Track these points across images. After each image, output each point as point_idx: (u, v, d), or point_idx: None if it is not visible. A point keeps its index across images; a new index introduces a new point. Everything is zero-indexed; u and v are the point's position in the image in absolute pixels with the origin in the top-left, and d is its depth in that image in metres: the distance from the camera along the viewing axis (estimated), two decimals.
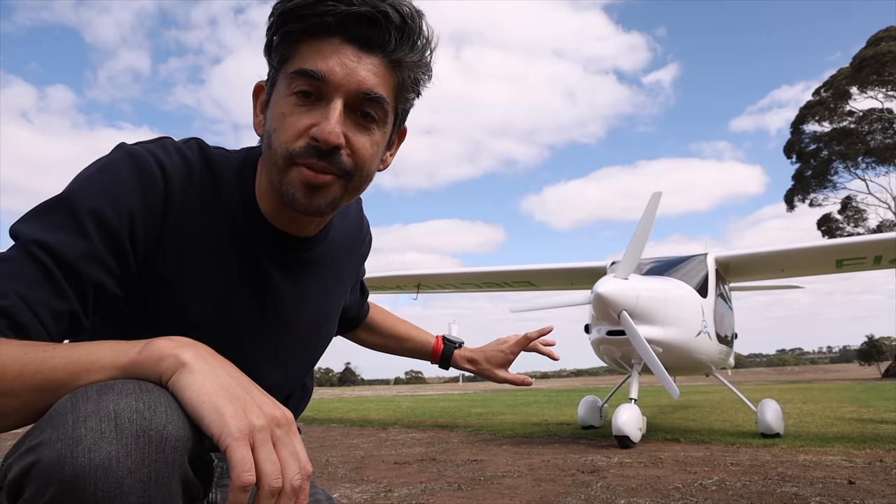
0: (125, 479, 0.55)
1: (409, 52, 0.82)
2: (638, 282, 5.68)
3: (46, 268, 0.72)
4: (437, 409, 11.90)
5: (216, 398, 0.60)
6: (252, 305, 0.92)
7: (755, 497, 3.16)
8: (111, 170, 0.80)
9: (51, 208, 0.76)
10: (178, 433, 0.59)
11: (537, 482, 3.72)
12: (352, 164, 0.82)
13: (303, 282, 0.98)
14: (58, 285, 0.72)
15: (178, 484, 0.59)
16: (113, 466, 0.54)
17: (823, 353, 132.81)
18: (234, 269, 0.90)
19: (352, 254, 1.12)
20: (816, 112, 30.62)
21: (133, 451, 0.55)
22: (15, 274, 0.70)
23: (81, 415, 0.57)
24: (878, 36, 28.81)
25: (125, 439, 0.56)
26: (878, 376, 31.31)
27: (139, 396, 0.59)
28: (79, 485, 0.53)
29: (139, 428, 0.57)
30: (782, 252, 7.43)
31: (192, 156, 0.88)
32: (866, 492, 3.21)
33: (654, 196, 5.64)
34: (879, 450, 4.81)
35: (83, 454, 0.54)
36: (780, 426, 5.85)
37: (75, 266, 0.74)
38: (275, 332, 0.97)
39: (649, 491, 3.36)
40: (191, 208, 0.86)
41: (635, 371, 6.02)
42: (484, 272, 9.24)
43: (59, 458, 0.54)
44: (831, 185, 31.00)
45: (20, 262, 0.71)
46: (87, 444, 0.55)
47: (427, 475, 4.07)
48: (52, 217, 0.75)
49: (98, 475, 0.54)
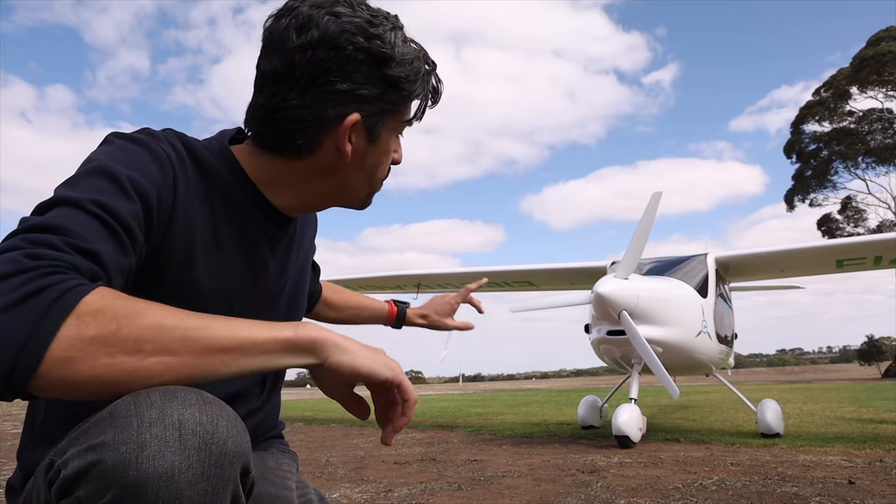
0: (185, 490, 0.55)
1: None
2: (638, 282, 5.68)
3: (110, 225, 0.72)
4: (437, 409, 11.91)
5: (375, 362, 0.76)
6: (248, 282, 0.96)
7: (755, 497, 3.15)
8: (127, 150, 0.82)
9: (92, 174, 0.76)
10: (236, 448, 0.60)
11: (537, 482, 3.72)
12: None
13: (285, 259, 1.04)
14: (122, 242, 0.73)
15: (228, 499, 0.60)
16: (175, 477, 0.55)
17: (823, 353, 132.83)
18: (234, 247, 0.93)
19: (307, 230, 1.15)
20: (816, 112, 30.62)
21: (195, 464, 0.56)
22: (87, 224, 0.70)
23: (146, 420, 0.57)
24: (878, 36, 28.81)
25: (188, 451, 0.56)
26: (878, 376, 31.32)
27: (202, 408, 0.60)
28: (142, 491, 0.54)
29: (202, 441, 0.57)
30: (782, 252, 7.43)
31: (177, 143, 0.90)
32: (866, 492, 3.21)
33: (655, 196, 5.64)
34: (879, 450, 4.80)
35: (147, 461, 0.54)
36: (780, 426, 5.85)
37: (131, 225, 0.75)
38: (263, 308, 1.00)
39: (649, 491, 3.36)
40: (191, 191, 0.89)
41: (635, 371, 6.02)
42: (484, 272, 9.23)
43: (124, 462, 0.54)
44: (831, 185, 31.04)
45: (85, 219, 0.70)
46: (152, 450, 0.55)
47: (427, 475, 4.06)
48: (97, 181, 0.75)
49: (161, 484, 0.54)
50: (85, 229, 0.69)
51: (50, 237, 0.66)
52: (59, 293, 0.60)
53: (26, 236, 0.65)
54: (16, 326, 0.57)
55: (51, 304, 0.59)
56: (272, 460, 1.06)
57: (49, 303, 0.59)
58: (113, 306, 0.62)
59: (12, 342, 0.57)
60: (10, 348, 0.57)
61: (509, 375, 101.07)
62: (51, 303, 0.59)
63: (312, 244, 1.22)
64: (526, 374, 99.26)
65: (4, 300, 0.58)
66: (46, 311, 0.59)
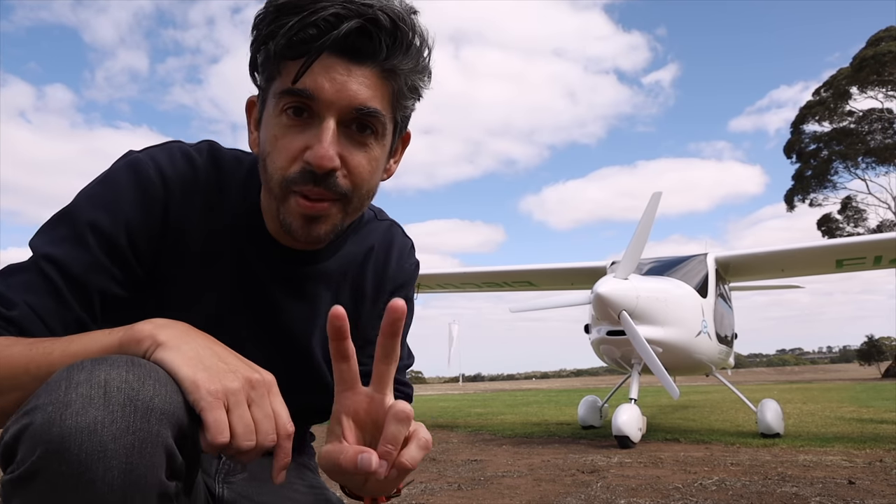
0: (109, 443, 0.56)
1: (404, 59, 0.77)
2: (638, 282, 5.69)
3: (52, 280, 0.78)
4: (437, 409, 11.91)
5: (189, 368, 0.63)
6: (245, 318, 0.92)
7: (755, 497, 3.16)
8: (110, 181, 0.84)
9: (57, 222, 0.83)
10: (164, 406, 0.60)
11: (537, 482, 3.72)
12: (349, 185, 0.79)
13: (313, 298, 0.95)
14: (63, 296, 0.78)
15: (162, 456, 0.59)
16: (98, 431, 0.56)
17: (823, 353, 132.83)
18: (226, 281, 0.90)
19: (378, 279, 1.02)
20: (816, 112, 30.61)
21: (119, 418, 0.57)
22: (26, 285, 0.78)
23: (74, 382, 0.59)
24: (878, 36, 28.80)
25: (112, 406, 0.57)
26: (878, 376, 31.31)
27: (130, 368, 0.61)
28: (65, 446, 0.55)
29: (126, 397, 0.58)
30: (782, 252, 7.43)
31: (200, 160, 0.88)
32: (866, 492, 3.21)
33: (655, 196, 5.64)
34: (879, 450, 4.81)
35: (71, 417, 0.56)
36: (780, 426, 5.86)
37: (80, 278, 0.80)
38: (274, 350, 0.94)
39: (649, 491, 3.37)
40: (193, 213, 0.87)
41: (635, 371, 6.02)
42: (484, 272, 9.23)
43: (49, 420, 0.56)
44: (831, 185, 30.99)
45: (31, 274, 0.78)
46: (76, 408, 0.56)
47: (427, 475, 4.07)
48: (58, 230, 0.81)
49: (83, 437, 0.55)
50: (18, 288, 0.77)
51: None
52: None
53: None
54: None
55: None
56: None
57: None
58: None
59: None
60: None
61: (509, 375, 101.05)
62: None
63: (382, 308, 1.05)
64: (526, 374, 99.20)
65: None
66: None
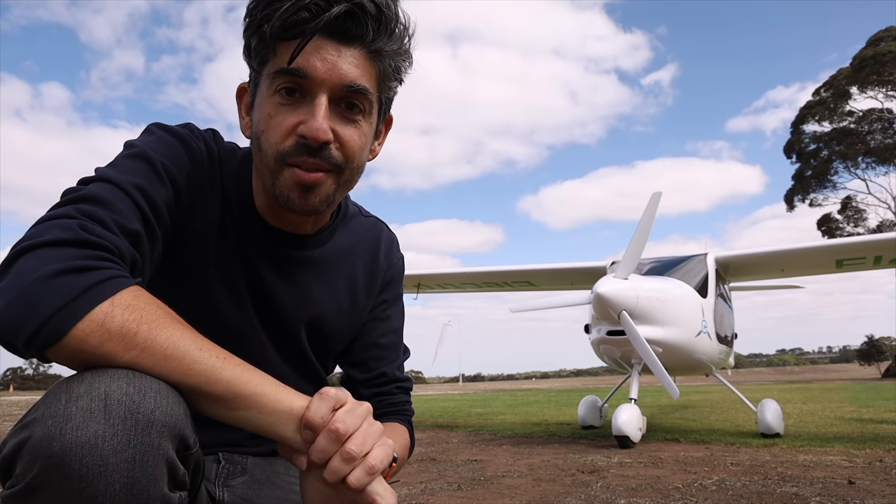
0: (110, 458, 0.56)
1: (388, 41, 0.83)
2: (638, 282, 5.68)
3: (144, 210, 0.78)
4: (437, 409, 11.91)
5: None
6: (238, 298, 0.94)
7: (755, 497, 3.15)
8: (164, 141, 0.87)
9: (132, 158, 0.82)
10: (165, 419, 0.60)
11: (537, 482, 3.72)
12: (342, 157, 0.84)
13: (300, 282, 0.98)
14: (153, 227, 0.79)
15: (164, 469, 0.59)
16: (99, 445, 0.55)
17: (823, 353, 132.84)
18: (224, 261, 0.93)
19: (369, 273, 1.09)
20: (816, 112, 30.61)
21: (119, 432, 0.57)
22: (129, 209, 0.76)
23: (74, 395, 0.58)
24: (878, 36, 28.80)
25: (112, 419, 0.57)
26: (878, 376, 31.31)
27: (131, 381, 0.60)
28: (65, 461, 0.55)
29: (127, 410, 0.58)
30: (782, 252, 7.42)
31: (212, 144, 0.93)
32: (866, 492, 3.21)
33: (654, 196, 5.64)
34: (879, 450, 4.80)
35: (71, 431, 0.55)
36: (780, 426, 5.86)
37: (163, 211, 0.81)
38: (262, 330, 0.97)
39: (649, 491, 3.36)
40: (203, 192, 0.90)
41: (635, 371, 6.02)
42: (484, 272, 9.23)
43: (49, 435, 0.55)
44: (831, 185, 31.01)
45: (125, 200, 0.76)
46: (76, 422, 0.56)
47: (427, 475, 4.06)
48: (137, 165, 0.81)
49: (84, 452, 0.55)
50: (127, 209, 0.75)
51: (100, 212, 0.71)
52: (102, 279, 0.65)
53: (79, 207, 0.70)
54: (53, 295, 0.62)
55: (91, 286, 0.63)
56: (281, 465, 1.04)
57: (90, 284, 0.63)
58: (140, 308, 0.65)
59: (43, 311, 0.61)
60: (40, 315, 0.61)
61: (509, 375, 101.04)
62: (92, 285, 0.64)
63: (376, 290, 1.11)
64: (526, 374, 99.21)
65: (57, 266, 0.63)
66: (85, 291, 0.63)
